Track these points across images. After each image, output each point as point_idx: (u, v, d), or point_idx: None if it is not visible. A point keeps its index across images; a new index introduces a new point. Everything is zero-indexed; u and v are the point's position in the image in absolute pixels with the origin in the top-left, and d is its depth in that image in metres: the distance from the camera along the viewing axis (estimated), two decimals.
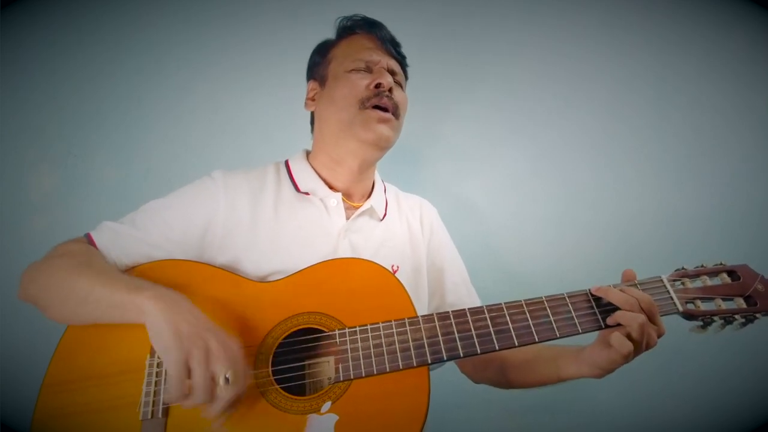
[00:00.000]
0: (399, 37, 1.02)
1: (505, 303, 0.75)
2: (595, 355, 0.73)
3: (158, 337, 0.67)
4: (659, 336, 0.71)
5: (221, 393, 0.64)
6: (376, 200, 0.98)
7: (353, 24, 1.01)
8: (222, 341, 0.67)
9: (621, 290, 0.72)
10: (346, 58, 0.96)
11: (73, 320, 0.77)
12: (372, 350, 0.71)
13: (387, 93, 0.92)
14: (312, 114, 1.04)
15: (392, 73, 0.96)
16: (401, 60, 1.02)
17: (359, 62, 0.95)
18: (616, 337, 0.68)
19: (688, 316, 0.73)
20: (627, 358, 0.69)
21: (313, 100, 1.02)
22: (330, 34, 1.04)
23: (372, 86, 0.91)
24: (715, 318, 0.73)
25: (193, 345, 0.65)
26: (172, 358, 0.65)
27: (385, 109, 0.91)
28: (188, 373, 0.64)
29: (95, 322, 0.75)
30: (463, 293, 1.02)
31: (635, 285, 0.75)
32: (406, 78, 1.04)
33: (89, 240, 0.84)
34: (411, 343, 0.72)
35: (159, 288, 0.72)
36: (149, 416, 0.69)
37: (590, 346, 0.75)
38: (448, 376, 1.04)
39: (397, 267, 0.92)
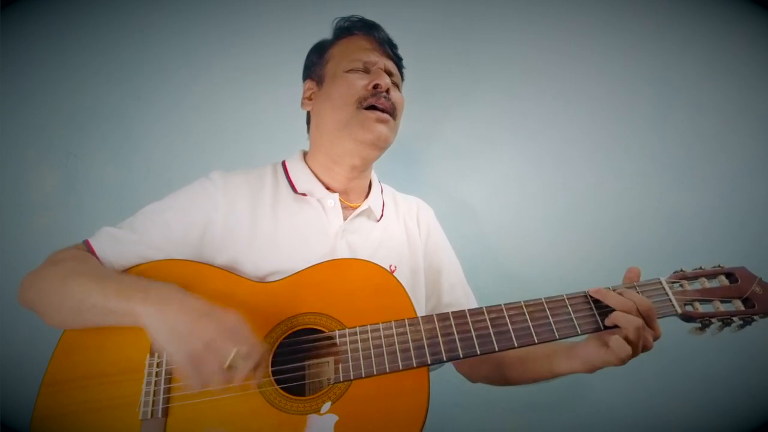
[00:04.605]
0: (399, 38, 1.02)
1: (504, 304, 0.75)
2: (591, 353, 0.74)
3: (158, 342, 0.69)
4: (655, 339, 0.72)
5: (238, 368, 0.66)
6: (373, 201, 0.98)
7: (351, 25, 1.01)
8: (220, 323, 0.68)
9: (619, 293, 0.72)
10: (343, 59, 0.96)
11: (71, 326, 0.77)
12: (372, 351, 0.72)
13: (384, 94, 0.92)
14: (308, 114, 1.04)
15: (389, 74, 0.96)
16: (398, 61, 1.02)
17: (357, 62, 0.95)
18: (616, 340, 0.69)
19: (687, 317, 0.74)
20: (623, 361, 0.70)
21: (310, 99, 1.01)
22: (330, 34, 1.04)
23: (370, 86, 0.92)
24: (713, 320, 0.73)
25: (194, 340, 0.66)
26: (177, 359, 0.67)
27: (382, 110, 0.91)
28: (200, 363, 0.66)
29: (93, 326, 0.75)
30: (460, 294, 1.02)
31: (634, 287, 0.75)
32: (403, 79, 1.04)
33: (87, 246, 0.84)
34: (411, 344, 0.72)
35: (150, 288, 0.72)
36: (149, 416, 0.70)
37: (584, 343, 0.76)
38: (447, 376, 1.04)
39: (395, 267, 0.92)
